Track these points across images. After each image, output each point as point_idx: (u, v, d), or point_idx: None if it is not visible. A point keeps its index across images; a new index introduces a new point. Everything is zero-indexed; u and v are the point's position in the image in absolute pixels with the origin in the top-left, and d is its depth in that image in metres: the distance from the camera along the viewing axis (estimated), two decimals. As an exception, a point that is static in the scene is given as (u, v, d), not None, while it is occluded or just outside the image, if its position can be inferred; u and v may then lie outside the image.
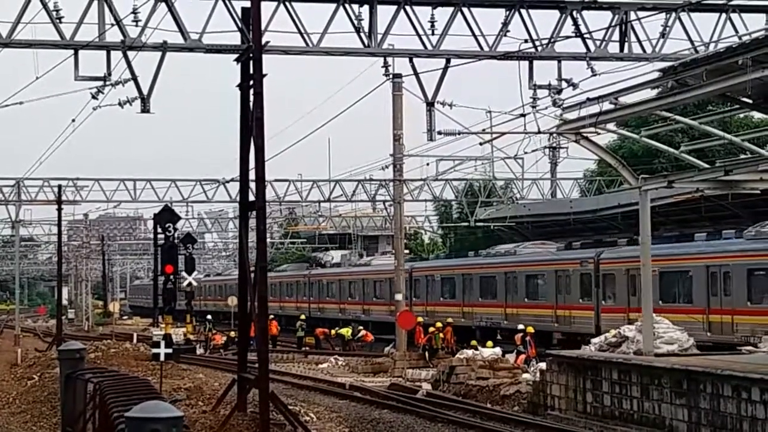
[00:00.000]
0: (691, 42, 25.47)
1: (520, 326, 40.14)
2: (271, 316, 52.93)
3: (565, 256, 43.12)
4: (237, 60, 23.87)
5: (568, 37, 25.13)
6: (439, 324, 43.54)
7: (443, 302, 50.41)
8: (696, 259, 34.73)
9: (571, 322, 40.29)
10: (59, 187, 53.70)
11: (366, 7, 24.37)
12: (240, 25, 23.54)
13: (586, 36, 25.16)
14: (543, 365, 27.72)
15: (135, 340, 55.83)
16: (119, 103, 24.31)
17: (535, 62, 25.57)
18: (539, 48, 25.11)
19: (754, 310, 31.82)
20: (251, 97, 23.13)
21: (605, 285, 39.49)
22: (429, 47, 24.79)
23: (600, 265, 39.74)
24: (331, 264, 73.45)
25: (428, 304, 51.99)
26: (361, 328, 54.64)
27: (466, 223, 61.16)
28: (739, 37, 24.47)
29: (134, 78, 23.88)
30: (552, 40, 25.06)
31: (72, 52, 23.42)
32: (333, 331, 56.56)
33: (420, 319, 43.89)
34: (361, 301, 60.92)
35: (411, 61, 25.46)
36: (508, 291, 45.70)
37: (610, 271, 39.08)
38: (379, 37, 24.51)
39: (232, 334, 50.66)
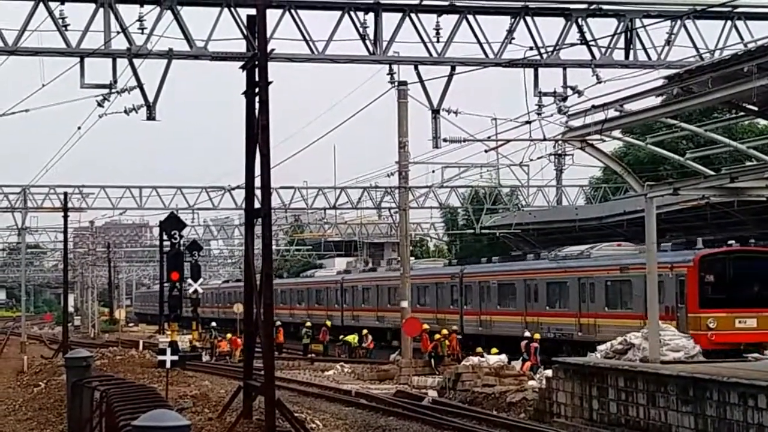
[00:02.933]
0: (697, 49, 25.46)
1: (527, 333, 40.19)
2: (278, 323, 53.06)
3: (442, 271, 54.51)
4: (242, 68, 23.92)
5: (573, 45, 25.12)
6: (445, 331, 43.71)
7: (365, 308, 61.87)
8: (519, 274, 46.17)
9: (445, 323, 49.25)
10: (65, 194, 53.76)
11: (371, 15, 24.38)
12: (245, 32, 23.58)
13: (591, 43, 25.14)
14: (549, 372, 27.70)
15: (141, 347, 55.88)
16: (125, 111, 24.30)
17: (541, 69, 25.58)
18: (544, 55, 25.10)
19: (551, 313, 42.88)
20: (257, 105, 23.18)
21: (466, 294, 50.12)
22: (434, 54, 24.79)
23: (463, 278, 50.50)
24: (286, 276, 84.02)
25: (355, 310, 63.35)
26: (365, 331, 54.69)
27: (471, 231, 61.17)
28: (745, 45, 24.47)
29: (140, 85, 23.90)
30: (557, 47, 25.06)
31: (78, 59, 23.45)
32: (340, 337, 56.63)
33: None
34: (306, 306, 71.47)
35: (416, 68, 25.47)
36: None
37: (469, 282, 49.99)
38: (385, 44, 24.52)
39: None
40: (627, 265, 38.73)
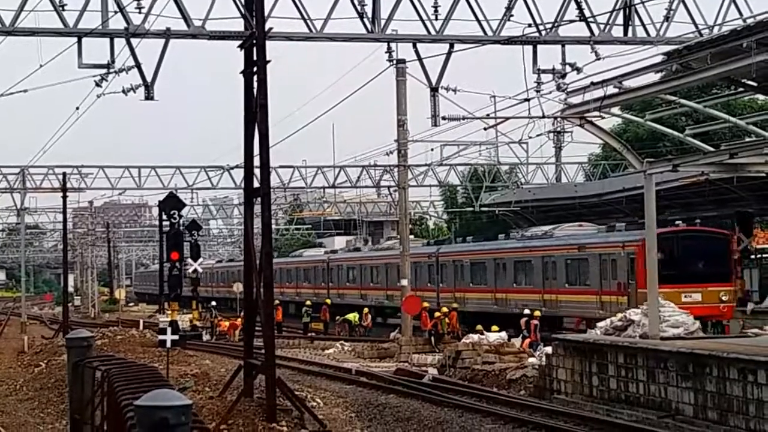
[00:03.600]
0: (696, 25, 25.41)
1: (526, 311, 40.24)
2: (276, 302, 53.10)
3: (420, 250, 55.39)
4: (240, 47, 23.86)
5: (572, 21, 25.08)
6: (444, 309, 43.77)
7: (349, 287, 63.79)
8: (489, 253, 48.47)
9: (423, 300, 48.46)
10: (64, 174, 53.73)
11: (369, -7, 24.34)
12: (243, 11, 23.51)
13: (590, 20, 25.10)
14: (549, 349, 27.74)
15: (141, 327, 55.96)
16: (123, 91, 24.31)
17: (539, 47, 25.54)
18: (543, 32, 25.06)
19: (518, 290, 45.15)
20: (255, 84, 23.13)
21: (442, 272, 52.57)
22: (432, 32, 24.75)
23: (439, 258, 52.86)
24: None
25: (340, 288, 65.18)
26: (366, 310, 54.77)
27: (471, 208, 61.20)
28: (744, 20, 24.42)
29: (138, 65, 23.89)
30: (556, 24, 25.02)
31: (75, 39, 23.42)
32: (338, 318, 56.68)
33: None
34: (295, 285, 73.19)
35: (414, 46, 25.43)
36: (387, 277, 58.07)
37: (444, 262, 52.45)
38: (383, 22, 24.48)
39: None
40: (584, 244, 40.89)
